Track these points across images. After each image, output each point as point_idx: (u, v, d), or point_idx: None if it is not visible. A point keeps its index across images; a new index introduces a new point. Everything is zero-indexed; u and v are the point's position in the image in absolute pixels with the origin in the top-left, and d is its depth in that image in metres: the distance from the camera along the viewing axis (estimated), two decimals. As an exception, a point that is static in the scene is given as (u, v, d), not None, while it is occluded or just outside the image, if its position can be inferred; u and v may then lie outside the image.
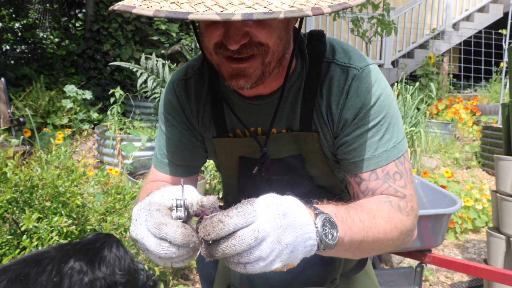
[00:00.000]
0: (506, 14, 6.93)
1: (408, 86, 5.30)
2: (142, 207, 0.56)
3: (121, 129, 4.48)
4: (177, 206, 0.54)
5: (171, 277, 2.34)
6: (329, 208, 0.64)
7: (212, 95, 0.88)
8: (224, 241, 0.50)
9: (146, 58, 4.58)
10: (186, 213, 0.54)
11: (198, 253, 0.56)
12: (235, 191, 0.97)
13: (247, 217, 0.51)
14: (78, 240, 1.51)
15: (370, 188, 0.79)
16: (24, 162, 1.80)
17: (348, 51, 0.81)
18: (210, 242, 0.51)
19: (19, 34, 6.95)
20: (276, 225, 0.52)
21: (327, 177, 0.89)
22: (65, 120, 4.88)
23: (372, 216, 0.69)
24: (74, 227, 1.54)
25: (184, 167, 0.94)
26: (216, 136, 0.90)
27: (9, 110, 3.98)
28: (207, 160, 1.00)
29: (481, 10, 8.24)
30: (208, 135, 0.92)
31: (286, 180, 0.89)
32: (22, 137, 3.74)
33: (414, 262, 2.17)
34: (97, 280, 1.11)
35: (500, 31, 6.24)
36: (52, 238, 1.44)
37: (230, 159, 0.91)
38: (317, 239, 0.56)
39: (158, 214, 0.53)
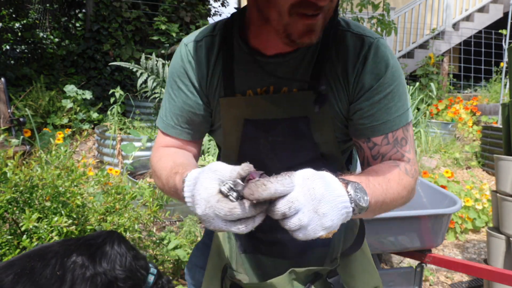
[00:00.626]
0: (506, 14, 6.93)
1: (408, 86, 5.31)
2: (206, 209, 0.61)
3: (121, 129, 4.48)
4: (229, 190, 0.60)
5: (170, 278, 2.34)
6: (353, 178, 0.71)
7: (224, 55, 0.87)
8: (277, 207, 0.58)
9: (146, 58, 4.58)
10: (236, 190, 0.60)
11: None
12: (234, 163, 0.90)
13: (285, 186, 0.57)
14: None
15: (381, 152, 0.86)
16: (24, 162, 1.80)
17: (360, 25, 0.86)
18: (255, 202, 0.57)
19: (19, 34, 6.95)
20: (311, 197, 0.59)
21: (331, 145, 0.89)
22: (65, 120, 4.88)
23: (387, 180, 0.77)
24: (74, 227, 1.55)
25: (189, 130, 0.95)
26: (223, 96, 0.88)
27: (9, 110, 3.98)
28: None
29: (481, 10, 8.24)
30: (214, 97, 0.90)
31: (291, 144, 0.88)
32: (22, 137, 3.74)
33: (414, 262, 2.17)
34: (97, 275, 1.12)
35: (500, 31, 6.24)
36: (52, 238, 1.44)
37: (235, 123, 0.89)
38: (352, 205, 0.63)
39: (223, 204, 0.59)
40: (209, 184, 0.62)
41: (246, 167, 0.60)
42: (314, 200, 0.59)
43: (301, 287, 0.86)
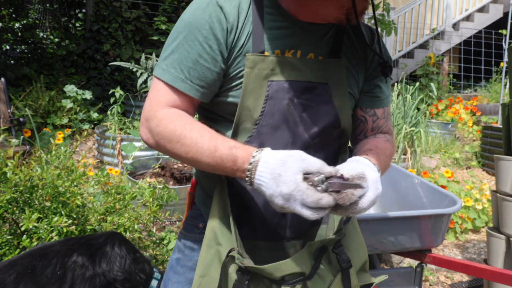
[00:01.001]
0: (506, 14, 6.93)
1: (408, 86, 5.31)
2: (293, 189, 0.71)
3: (121, 129, 4.48)
4: (319, 182, 0.73)
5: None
6: (376, 161, 0.88)
7: (255, 13, 0.88)
8: (351, 205, 0.76)
9: (146, 58, 4.58)
10: (325, 184, 0.73)
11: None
12: (252, 125, 0.89)
13: (363, 190, 0.76)
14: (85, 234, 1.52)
15: (379, 125, 1.05)
16: (24, 162, 1.81)
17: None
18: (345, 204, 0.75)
19: (19, 34, 6.95)
20: (377, 195, 0.80)
21: (347, 114, 0.96)
22: (65, 120, 4.88)
23: (385, 154, 0.96)
24: (74, 227, 1.55)
25: (199, 87, 0.86)
26: (251, 52, 0.86)
27: (9, 110, 3.98)
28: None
29: (481, 10, 8.24)
30: (239, 54, 0.87)
31: (314, 107, 0.91)
32: (22, 137, 3.74)
33: (414, 262, 2.17)
34: (96, 275, 1.13)
35: (500, 31, 6.24)
36: (52, 238, 1.44)
37: (258, 83, 0.86)
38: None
39: (311, 192, 0.71)
40: (298, 169, 0.72)
41: (334, 171, 0.75)
42: (377, 196, 0.80)
43: (314, 260, 0.89)
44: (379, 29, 5.46)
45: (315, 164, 0.74)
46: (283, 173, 0.72)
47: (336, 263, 0.91)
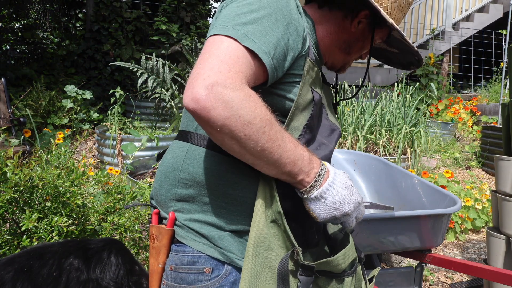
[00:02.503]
0: (506, 14, 6.93)
1: (408, 86, 5.31)
2: (358, 205, 0.84)
3: (121, 129, 4.48)
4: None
5: None
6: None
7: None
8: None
9: (146, 58, 4.58)
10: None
11: None
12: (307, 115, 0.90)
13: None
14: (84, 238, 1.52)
15: None
16: (24, 162, 1.81)
17: None
18: None
19: (19, 34, 6.96)
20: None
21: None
22: (65, 120, 4.88)
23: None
24: (74, 227, 1.55)
25: (274, 68, 0.77)
26: (309, 58, 0.87)
27: (9, 110, 3.99)
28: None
29: (481, 10, 8.24)
30: (303, 55, 0.85)
31: (324, 124, 0.99)
32: (22, 137, 3.75)
33: (414, 262, 2.17)
34: (90, 281, 1.12)
35: (500, 31, 6.24)
36: (52, 238, 1.44)
37: (308, 88, 0.88)
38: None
39: (364, 211, 0.88)
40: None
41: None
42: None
43: None
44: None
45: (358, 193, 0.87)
46: (352, 189, 0.83)
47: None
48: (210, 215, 0.83)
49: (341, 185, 0.81)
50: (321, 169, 0.80)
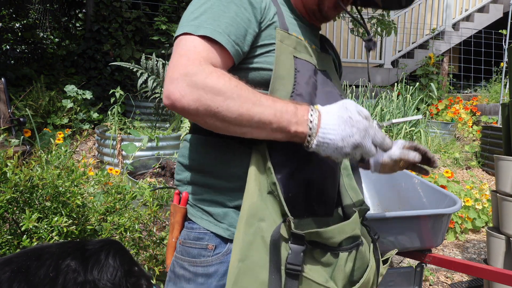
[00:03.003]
0: (506, 14, 6.93)
1: (408, 86, 5.31)
2: (367, 126, 0.77)
3: (121, 129, 4.48)
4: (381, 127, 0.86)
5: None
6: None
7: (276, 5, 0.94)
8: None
9: (146, 58, 4.58)
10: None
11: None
12: (291, 87, 0.89)
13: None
14: (83, 239, 1.51)
15: None
16: (24, 162, 1.81)
17: None
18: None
19: (19, 34, 6.95)
20: None
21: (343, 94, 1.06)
22: (65, 120, 4.88)
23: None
24: (74, 227, 1.55)
25: (234, 43, 0.81)
26: (280, 28, 0.89)
27: (9, 110, 3.99)
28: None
29: (481, 10, 8.24)
30: (270, 26, 0.88)
31: (324, 89, 0.97)
32: (22, 137, 3.75)
33: (414, 262, 2.17)
34: (87, 282, 1.11)
35: (500, 31, 6.24)
36: (52, 238, 1.44)
37: (287, 56, 0.88)
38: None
39: (381, 133, 0.79)
40: (360, 112, 0.78)
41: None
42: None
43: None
44: (378, 29, 5.46)
45: (365, 110, 0.80)
46: (352, 115, 0.76)
47: (367, 235, 0.98)
48: (215, 194, 0.89)
49: (336, 122, 0.76)
50: (311, 115, 0.77)
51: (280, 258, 0.79)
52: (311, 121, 0.76)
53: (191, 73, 0.74)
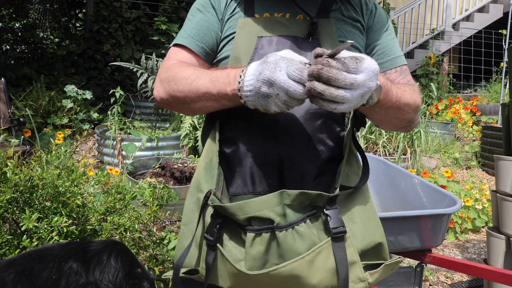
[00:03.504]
0: (506, 14, 6.93)
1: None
2: (279, 58, 0.74)
3: (121, 129, 4.48)
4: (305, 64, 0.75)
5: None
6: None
7: None
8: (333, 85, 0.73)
9: (146, 58, 4.58)
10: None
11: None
12: None
13: (352, 67, 0.71)
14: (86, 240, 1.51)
15: (391, 79, 1.01)
16: (24, 162, 1.81)
17: None
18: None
19: (19, 34, 6.95)
20: (368, 86, 0.73)
21: None
22: (65, 120, 4.88)
23: (403, 90, 0.91)
24: (74, 227, 1.55)
25: (199, 42, 1.00)
26: (243, 17, 0.99)
27: (9, 110, 3.99)
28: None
29: (481, 10, 8.24)
30: (231, 21, 1.00)
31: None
32: (22, 137, 3.75)
33: (414, 262, 2.17)
34: (89, 284, 1.11)
35: (500, 31, 6.24)
36: (52, 238, 1.44)
37: (247, 40, 0.96)
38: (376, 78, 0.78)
39: (296, 60, 0.74)
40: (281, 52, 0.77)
41: (321, 50, 0.73)
42: (368, 88, 0.73)
43: (296, 216, 0.81)
44: None
45: (297, 55, 0.78)
46: (269, 57, 0.76)
47: (319, 227, 0.82)
48: None
49: (254, 67, 0.77)
50: (242, 71, 0.79)
51: (203, 230, 0.88)
52: (240, 77, 0.79)
53: (160, 74, 0.97)
